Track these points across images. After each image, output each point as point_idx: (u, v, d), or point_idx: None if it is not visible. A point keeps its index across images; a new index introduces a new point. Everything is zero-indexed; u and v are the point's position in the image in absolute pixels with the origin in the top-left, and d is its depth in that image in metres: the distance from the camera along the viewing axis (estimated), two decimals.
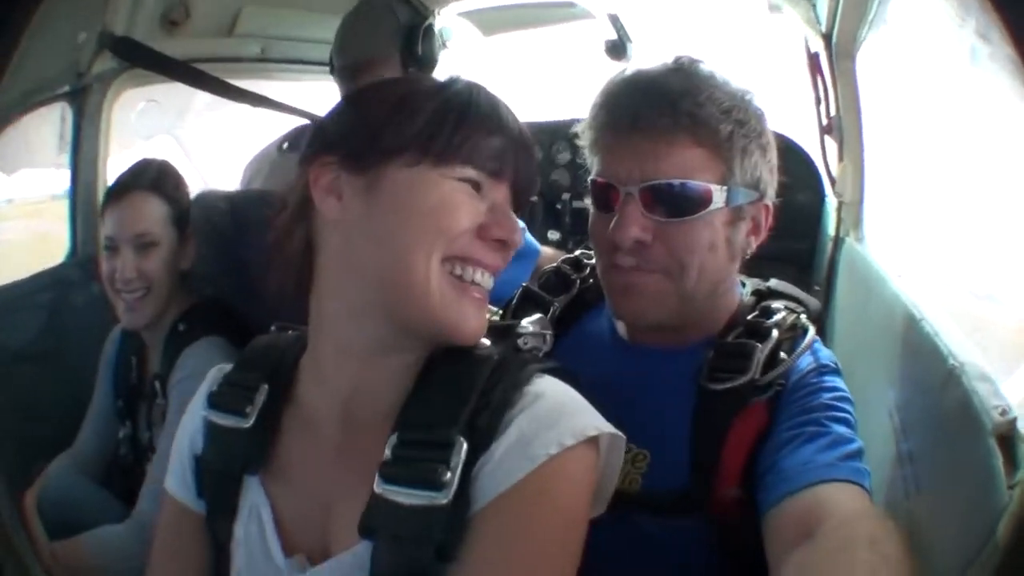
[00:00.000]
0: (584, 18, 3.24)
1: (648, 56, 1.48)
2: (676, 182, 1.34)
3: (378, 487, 0.99)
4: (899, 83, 2.40)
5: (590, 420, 1.04)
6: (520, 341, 1.20)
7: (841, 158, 2.54)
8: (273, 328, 1.31)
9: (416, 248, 1.04)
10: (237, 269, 2.30)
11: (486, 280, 1.09)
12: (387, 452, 1.01)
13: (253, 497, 1.14)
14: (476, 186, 1.08)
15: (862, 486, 1.19)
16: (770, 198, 1.46)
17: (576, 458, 1.01)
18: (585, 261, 1.70)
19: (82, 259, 2.60)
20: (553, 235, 3.23)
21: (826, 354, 1.44)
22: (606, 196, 1.41)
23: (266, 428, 1.14)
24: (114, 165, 2.68)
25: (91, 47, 2.46)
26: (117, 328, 2.36)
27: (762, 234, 1.47)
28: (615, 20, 3.04)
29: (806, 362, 1.39)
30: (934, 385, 1.34)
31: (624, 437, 1.08)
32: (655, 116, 1.34)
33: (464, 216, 1.06)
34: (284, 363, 1.20)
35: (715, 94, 1.36)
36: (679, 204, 1.35)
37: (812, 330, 1.44)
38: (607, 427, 1.05)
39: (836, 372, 1.41)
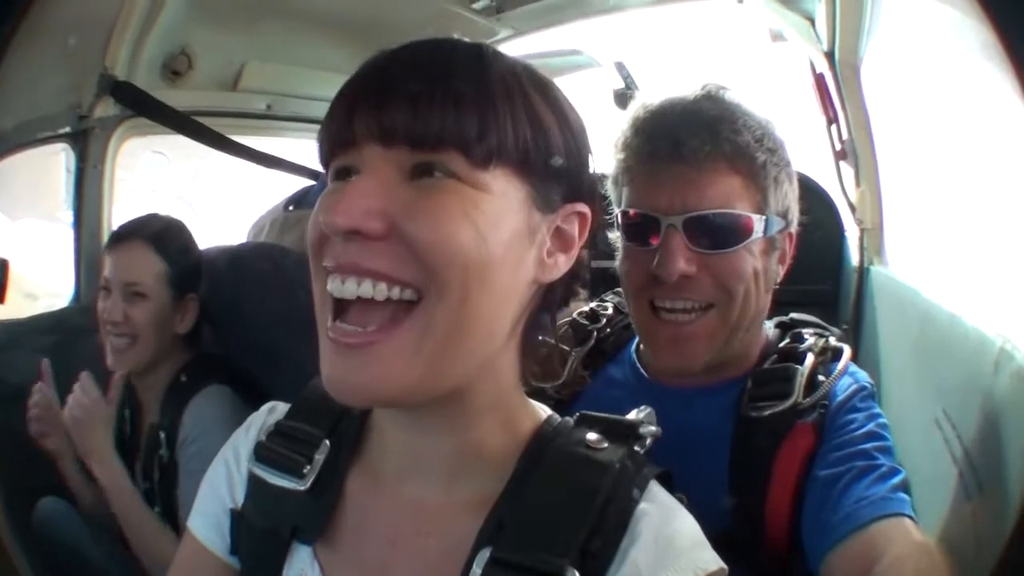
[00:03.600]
0: (591, 67, 3.25)
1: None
2: (721, 213, 1.33)
3: None
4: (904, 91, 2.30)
5: (709, 554, 0.89)
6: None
7: (858, 183, 2.45)
8: None
9: (312, 268, 0.90)
10: (240, 322, 2.33)
11: (348, 288, 0.82)
12: (476, 570, 0.83)
13: (302, 566, 0.98)
14: (348, 172, 0.86)
15: (911, 517, 1.20)
16: (794, 226, 1.47)
17: None
18: (600, 312, 1.68)
19: (84, 305, 2.57)
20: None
21: (863, 375, 1.44)
22: (644, 228, 1.38)
23: (328, 492, 0.98)
24: (124, 214, 2.67)
25: (92, 89, 2.50)
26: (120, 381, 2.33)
27: (787, 263, 1.47)
28: (621, 68, 3.05)
29: (846, 383, 1.38)
30: (985, 371, 1.24)
31: (726, 568, 0.91)
32: (697, 143, 1.32)
33: (317, 212, 0.85)
34: (350, 416, 1.02)
35: (748, 122, 1.36)
36: (723, 235, 1.34)
37: (848, 351, 1.43)
38: (719, 561, 0.89)
39: (873, 396, 1.40)
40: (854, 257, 2.54)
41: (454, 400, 0.87)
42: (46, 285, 2.67)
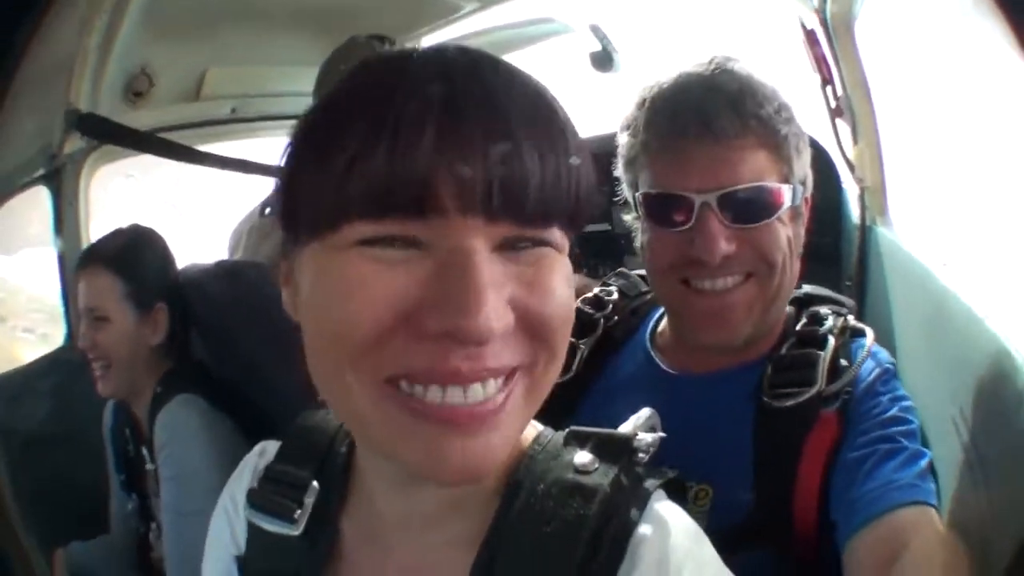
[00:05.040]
0: (564, 33, 3.14)
1: (638, 63, 1.43)
2: (753, 187, 1.32)
3: None
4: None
5: (719, 572, 0.82)
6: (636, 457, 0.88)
7: (856, 140, 2.39)
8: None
9: (331, 371, 0.73)
10: (226, 339, 2.33)
11: (472, 395, 0.70)
12: None
13: None
14: (401, 242, 0.68)
15: (935, 506, 1.20)
16: (809, 191, 1.47)
17: None
18: (606, 299, 1.64)
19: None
20: None
21: (884, 355, 1.42)
22: (670, 208, 1.36)
23: (321, 534, 0.93)
24: None
25: (60, 126, 2.47)
26: (109, 404, 2.37)
27: (805, 228, 1.47)
28: (597, 30, 2.94)
29: (869, 366, 1.36)
30: (1008, 392, 1.23)
31: None
32: (726, 121, 1.31)
33: (361, 304, 0.68)
34: (335, 454, 0.96)
35: (766, 93, 1.35)
36: (756, 208, 1.33)
37: (871, 334, 1.42)
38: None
39: (896, 376, 1.39)
40: (854, 214, 2.50)
41: None
42: None
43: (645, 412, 0.94)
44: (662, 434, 0.90)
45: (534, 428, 0.90)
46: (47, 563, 1.96)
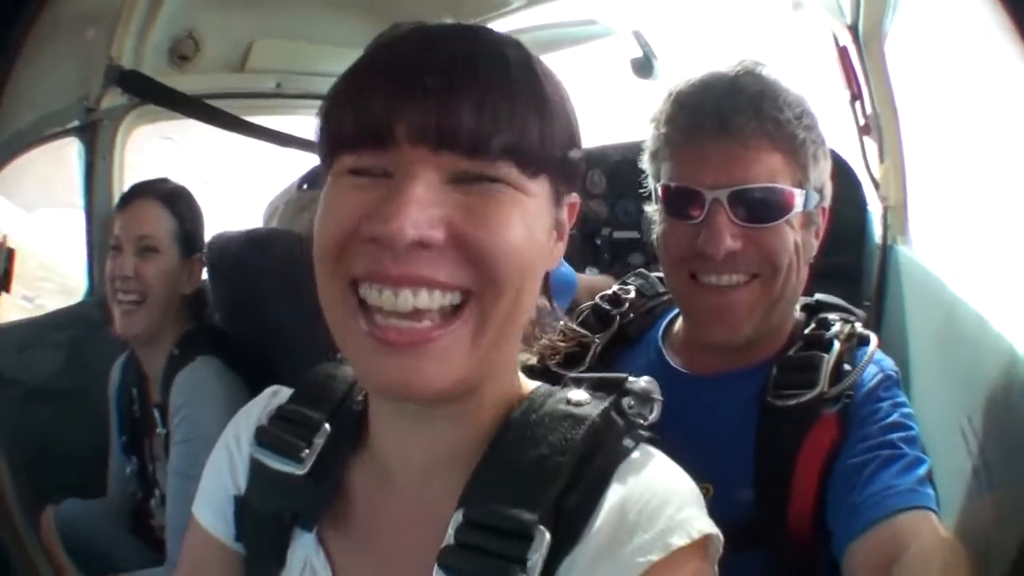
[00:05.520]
0: (607, 36, 3.16)
1: (676, 72, 1.45)
2: (764, 187, 1.33)
3: None
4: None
5: (703, 516, 0.83)
6: (625, 401, 0.91)
7: (882, 159, 2.39)
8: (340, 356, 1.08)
9: (320, 281, 0.83)
10: (254, 307, 2.29)
11: (402, 301, 0.77)
12: (449, 533, 0.80)
13: (307, 552, 0.95)
14: (373, 172, 0.79)
15: (935, 511, 1.20)
16: (827, 201, 1.46)
17: (684, 565, 0.79)
18: (623, 296, 1.66)
19: (100, 298, 2.52)
20: (591, 272, 3.07)
21: (888, 363, 1.41)
22: (685, 201, 1.38)
23: (327, 476, 0.94)
24: None
25: (99, 80, 2.47)
26: (118, 361, 2.35)
27: (820, 236, 1.46)
28: (639, 37, 2.96)
29: (872, 372, 1.36)
30: (1016, 396, 1.26)
31: (721, 536, 0.84)
32: (743, 120, 1.32)
33: (332, 217, 0.81)
34: (350, 399, 0.99)
35: (788, 98, 1.36)
36: (766, 209, 1.34)
37: (875, 340, 1.41)
38: (713, 526, 0.83)
39: (899, 383, 1.39)
40: (877, 233, 2.50)
41: (472, 393, 0.86)
42: None
43: (645, 377, 0.95)
44: (658, 398, 0.93)
45: (535, 384, 0.95)
46: (30, 519, 1.94)
